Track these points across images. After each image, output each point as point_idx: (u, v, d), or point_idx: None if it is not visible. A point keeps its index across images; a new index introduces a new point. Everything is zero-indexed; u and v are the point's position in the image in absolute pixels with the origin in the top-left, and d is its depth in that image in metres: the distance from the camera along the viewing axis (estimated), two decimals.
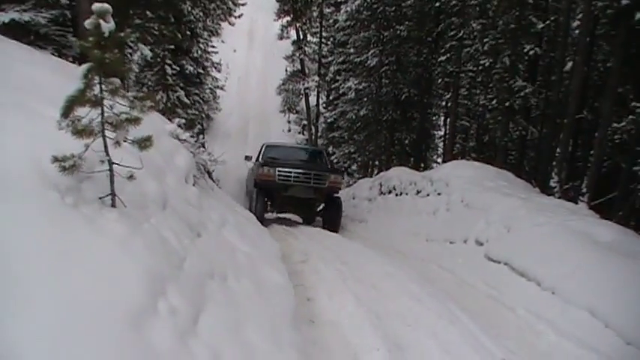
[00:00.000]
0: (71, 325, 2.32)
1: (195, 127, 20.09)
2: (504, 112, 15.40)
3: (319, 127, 30.07)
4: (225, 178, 16.76)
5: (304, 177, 12.18)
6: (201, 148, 9.17)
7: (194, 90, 21.53)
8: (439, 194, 10.93)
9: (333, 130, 26.80)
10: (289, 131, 32.59)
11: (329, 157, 16.66)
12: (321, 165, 14.01)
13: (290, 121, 33.48)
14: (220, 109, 29.34)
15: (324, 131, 28.67)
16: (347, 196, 15.44)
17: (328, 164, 14.63)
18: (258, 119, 31.76)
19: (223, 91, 28.65)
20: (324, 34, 29.97)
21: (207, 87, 25.20)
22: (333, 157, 24.37)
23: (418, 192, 12.05)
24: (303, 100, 31.49)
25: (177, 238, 3.93)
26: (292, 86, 31.33)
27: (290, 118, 33.47)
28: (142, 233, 3.43)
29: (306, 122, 31.48)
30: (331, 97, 29.09)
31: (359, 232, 12.88)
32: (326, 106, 29.99)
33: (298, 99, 32.27)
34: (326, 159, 14.86)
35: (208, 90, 25.52)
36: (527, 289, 6.30)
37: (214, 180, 9.74)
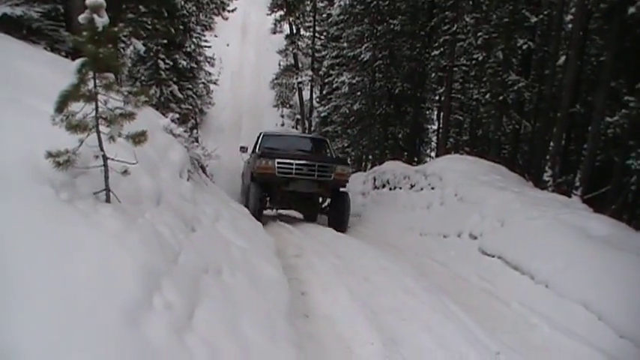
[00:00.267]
0: (68, 320, 2.32)
1: (189, 122, 20.04)
2: (498, 106, 15.47)
3: (313, 121, 30.05)
4: (219, 172, 16.18)
5: (307, 169, 10.99)
6: (194, 142, 9.15)
7: (187, 84, 21.48)
8: (433, 188, 10.93)
9: (326, 124, 26.79)
10: (282, 125, 32.48)
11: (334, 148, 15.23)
12: (326, 155, 12.93)
13: (283, 116, 33.44)
14: (213, 103, 29.20)
15: (318, 125, 28.65)
16: None
17: (333, 154, 13.45)
18: (251, 113, 31.65)
19: (216, 85, 28.55)
20: (318, 29, 30.00)
21: (201, 81, 25.12)
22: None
23: (412, 186, 12.05)
24: (297, 94, 31.52)
25: (171, 232, 3.92)
26: (285, 80, 31.31)
27: (283, 112, 33.45)
28: (136, 228, 3.42)
29: (299, 116, 31.47)
30: (324, 92, 29.12)
31: (352, 226, 12.48)
32: (319, 100, 30.01)
33: (292, 93, 32.29)
34: (331, 148, 13.66)
35: (201, 84, 25.43)
36: (521, 282, 6.32)
37: (208, 175, 9.71)
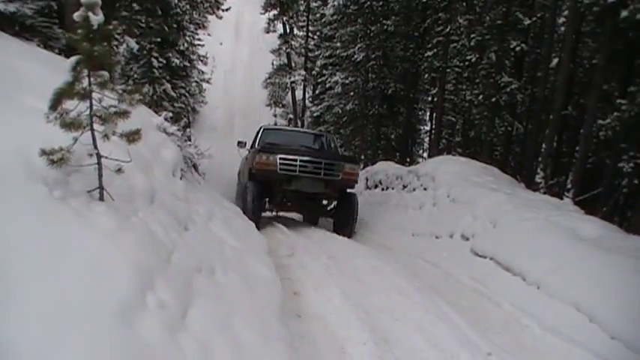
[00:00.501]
0: (61, 319, 2.31)
1: (182, 121, 19.99)
2: (490, 108, 15.52)
3: (305, 121, 30.03)
4: (211, 172, 15.73)
5: (313, 166, 9.99)
6: (187, 141, 9.12)
7: (180, 83, 21.38)
8: (425, 189, 10.93)
9: (319, 124, 26.76)
10: (275, 125, 32.52)
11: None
12: (333, 153, 11.98)
13: (276, 115, 33.36)
14: (206, 102, 29.13)
15: (311, 125, 28.65)
16: None
17: (339, 152, 12.58)
18: (244, 113, 31.56)
19: (209, 84, 28.44)
20: (311, 28, 30.01)
21: (194, 80, 25.02)
22: None
23: (404, 187, 12.05)
24: (290, 93, 31.47)
25: (165, 231, 3.92)
26: (279, 80, 31.25)
27: (276, 111, 33.37)
28: (130, 227, 3.42)
29: (292, 116, 31.42)
30: (317, 91, 29.12)
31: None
32: (312, 100, 30.00)
33: (284, 93, 32.21)
34: (337, 146, 12.67)
35: (194, 83, 25.35)
36: (512, 283, 6.34)
37: (200, 174, 9.68)
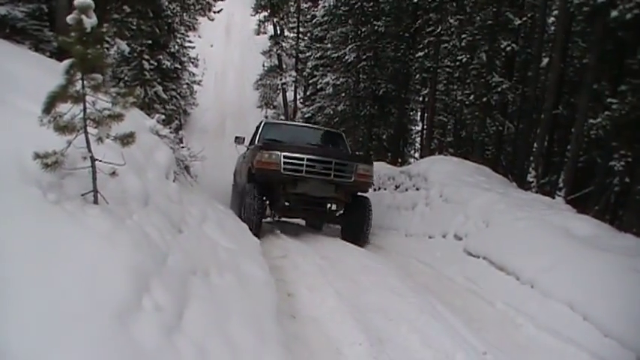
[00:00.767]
0: (58, 321, 2.31)
1: (173, 123, 19.96)
2: (482, 108, 15.56)
3: (297, 122, 30.05)
4: (203, 174, 15.13)
5: (322, 167, 8.90)
6: (180, 143, 9.10)
7: (171, 85, 21.40)
8: (418, 189, 10.94)
9: None
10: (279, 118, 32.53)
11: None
12: (344, 151, 10.76)
13: (267, 117, 33.33)
14: (197, 104, 29.06)
15: None
16: None
17: (349, 151, 11.39)
18: (235, 114, 31.51)
19: (200, 86, 28.43)
20: (302, 30, 30.05)
21: (184, 82, 25.03)
22: None
23: (397, 187, 12.06)
24: (281, 95, 31.51)
25: (159, 234, 3.91)
26: (269, 81, 31.29)
27: (267, 113, 33.31)
28: (125, 230, 3.42)
29: (283, 117, 31.44)
30: (309, 93, 29.15)
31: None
32: (303, 101, 30.02)
33: (275, 94, 32.21)
34: (346, 144, 11.51)
35: (185, 85, 25.35)
36: (506, 282, 6.36)
37: (192, 176, 9.66)
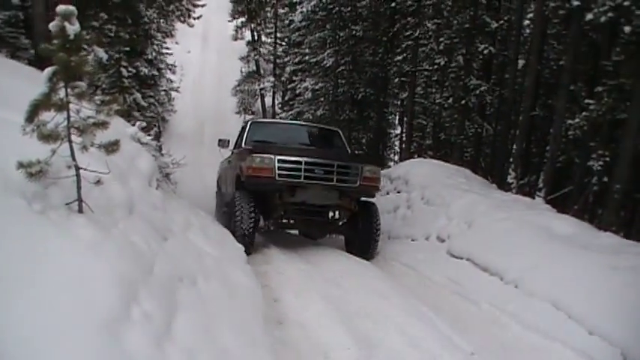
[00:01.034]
0: (48, 333, 2.28)
1: (152, 130, 19.83)
2: (460, 110, 15.68)
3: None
4: (182, 182, 14.52)
5: (323, 171, 7.76)
6: (159, 151, 9.05)
7: (149, 92, 21.21)
8: (399, 192, 10.97)
9: None
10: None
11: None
12: (346, 152, 9.74)
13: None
14: (175, 111, 28.89)
15: None
16: None
17: (349, 150, 10.23)
18: (213, 120, 31.34)
19: (178, 92, 28.25)
20: (279, 35, 30.08)
21: (162, 89, 24.86)
22: None
23: None
24: (259, 100, 31.45)
25: (145, 242, 3.88)
26: (248, 87, 31.26)
27: (246, 119, 33.26)
28: (111, 238, 3.39)
29: None
30: (287, 98, 29.15)
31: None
32: (282, 106, 30.02)
33: (254, 100, 32.17)
34: (346, 144, 10.20)
35: (163, 92, 25.19)
36: (490, 283, 6.39)
37: (172, 183, 9.59)
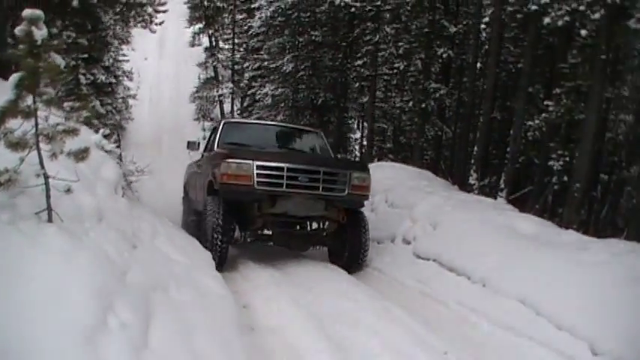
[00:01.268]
0: (24, 346, 2.23)
1: (112, 138, 19.54)
2: (420, 114, 15.85)
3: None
4: (142, 190, 13.51)
5: (308, 178, 7.04)
6: (121, 159, 8.90)
7: (107, 100, 20.89)
8: None
9: None
10: (204, 139, 32.04)
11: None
12: (332, 157, 9.23)
13: (205, 129, 32.81)
14: (133, 118, 28.52)
15: None
16: None
17: (332, 154, 9.49)
18: (172, 127, 31.02)
19: (135, 100, 27.90)
20: (237, 41, 29.89)
21: (120, 96, 24.52)
22: None
23: None
24: (218, 107, 31.23)
25: (117, 251, 3.82)
26: (206, 93, 31.01)
27: (205, 125, 32.96)
28: (84, 248, 3.32)
29: None
30: (246, 104, 28.98)
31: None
32: (241, 112, 29.82)
33: (212, 106, 31.94)
34: (329, 148, 9.39)
35: (120, 99, 24.82)
36: (457, 283, 6.46)
37: (133, 192, 9.45)
